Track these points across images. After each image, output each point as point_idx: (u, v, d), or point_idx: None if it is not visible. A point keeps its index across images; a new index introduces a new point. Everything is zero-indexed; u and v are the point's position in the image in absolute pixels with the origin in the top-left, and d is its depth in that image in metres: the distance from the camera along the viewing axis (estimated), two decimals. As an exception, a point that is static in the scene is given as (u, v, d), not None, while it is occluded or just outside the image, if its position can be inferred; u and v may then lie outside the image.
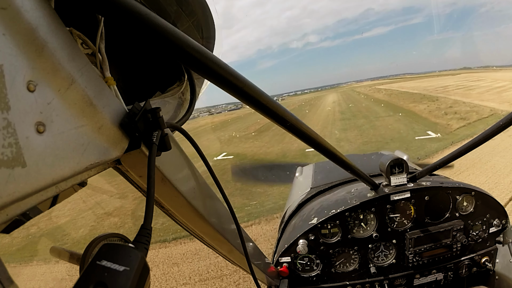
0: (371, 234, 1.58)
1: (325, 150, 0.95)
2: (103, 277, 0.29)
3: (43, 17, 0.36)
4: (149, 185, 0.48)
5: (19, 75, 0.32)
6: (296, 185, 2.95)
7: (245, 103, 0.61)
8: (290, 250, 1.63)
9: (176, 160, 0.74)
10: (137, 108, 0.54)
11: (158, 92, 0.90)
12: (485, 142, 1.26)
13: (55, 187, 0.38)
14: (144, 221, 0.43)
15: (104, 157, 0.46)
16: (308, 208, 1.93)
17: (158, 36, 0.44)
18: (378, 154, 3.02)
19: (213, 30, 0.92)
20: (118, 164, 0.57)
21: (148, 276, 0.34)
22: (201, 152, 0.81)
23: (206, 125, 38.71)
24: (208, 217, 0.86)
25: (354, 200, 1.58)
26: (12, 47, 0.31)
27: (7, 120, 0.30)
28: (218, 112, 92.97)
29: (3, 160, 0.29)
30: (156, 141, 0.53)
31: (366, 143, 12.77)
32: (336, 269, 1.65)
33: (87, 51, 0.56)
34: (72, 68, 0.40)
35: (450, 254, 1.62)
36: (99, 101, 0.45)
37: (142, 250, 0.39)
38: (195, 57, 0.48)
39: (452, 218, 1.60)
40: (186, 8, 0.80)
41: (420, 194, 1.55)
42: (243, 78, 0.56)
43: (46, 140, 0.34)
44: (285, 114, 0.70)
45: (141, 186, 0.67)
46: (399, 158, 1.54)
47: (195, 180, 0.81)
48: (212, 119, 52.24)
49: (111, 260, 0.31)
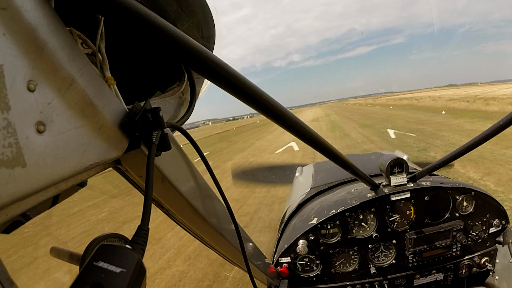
0: (371, 234, 1.58)
1: (325, 150, 0.95)
2: (99, 279, 0.29)
3: (43, 17, 0.36)
4: (147, 185, 0.47)
5: (19, 75, 0.32)
6: (296, 185, 2.96)
7: (245, 102, 0.61)
8: (290, 250, 1.63)
9: (176, 160, 0.74)
10: (137, 108, 0.53)
11: (158, 92, 0.90)
12: (485, 142, 1.26)
13: (55, 187, 0.38)
14: (141, 221, 0.43)
15: (104, 157, 0.46)
16: (308, 208, 1.93)
17: (158, 36, 0.44)
18: (378, 154, 3.02)
19: (213, 29, 0.92)
20: (118, 164, 0.57)
21: (144, 277, 0.35)
22: (200, 152, 0.81)
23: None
24: (208, 217, 0.86)
25: (354, 200, 1.58)
26: (12, 47, 0.31)
27: (7, 120, 0.30)
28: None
29: (3, 160, 0.29)
30: (156, 141, 0.53)
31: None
32: (336, 270, 1.65)
33: (87, 51, 0.56)
34: (72, 68, 0.40)
35: (450, 255, 1.62)
36: (99, 101, 0.45)
37: (139, 251, 0.39)
38: (195, 57, 0.48)
39: (452, 218, 1.60)
40: (186, 8, 0.80)
41: (420, 194, 1.55)
42: (243, 78, 0.56)
43: (46, 140, 0.34)
44: (285, 114, 0.70)
45: (141, 186, 0.67)
46: (399, 158, 1.54)
47: (195, 180, 0.81)
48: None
49: (108, 261, 0.31)
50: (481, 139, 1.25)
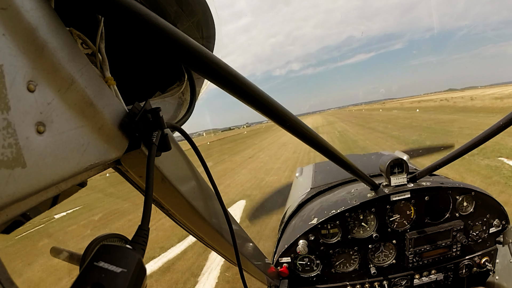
0: (371, 234, 1.58)
1: (325, 150, 0.95)
2: (100, 278, 0.29)
3: (43, 17, 0.36)
4: (147, 185, 0.47)
5: (19, 75, 0.32)
6: (296, 185, 2.96)
7: (245, 103, 0.61)
8: (290, 250, 1.63)
9: (176, 160, 0.74)
10: (137, 108, 0.53)
11: (158, 92, 0.90)
12: (485, 142, 1.26)
13: (55, 188, 0.38)
14: (141, 221, 0.43)
15: (104, 157, 0.46)
16: (308, 208, 1.93)
17: (158, 36, 0.44)
18: (378, 154, 3.02)
19: (213, 29, 0.92)
20: (118, 164, 0.57)
21: (144, 277, 0.34)
22: (199, 152, 0.81)
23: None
24: (208, 217, 0.85)
25: (354, 201, 1.58)
26: (12, 47, 0.31)
27: (7, 120, 0.30)
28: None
29: (3, 161, 0.29)
30: (156, 141, 0.53)
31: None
32: (336, 270, 1.65)
33: (87, 51, 0.56)
34: (72, 68, 0.40)
35: (450, 255, 1.62)
36: (99, 101, 0.45)
37: (139, 251, 0.39)
38: (195, 57, 0.48)
39: (452, 218, 1.60)
40: (186, 8, 0.79)
41: (420, 194, 1.55)
42: (243, 78, 0.56)
43: (46, 141, 0.34)
44: (285, 114, 0.70)
45: (141, 187, 0.67)
46: (399, 158, 1.54)
47: (195, 180, 0.81)
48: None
49: (109, 261, 0.31)
50: (481, 139, 1.25)
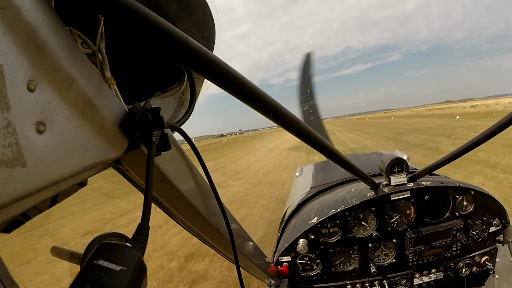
0: (371, 233, 1.58)
1: (325, 150, 0.95)
2: (99, 277, 0.29)
3: (43, 17, 0.36)
4: (147, 184, 0.48)
5: (19, 75, 0.32)
6: (296, 185, 2.96)
7: (245, 103, 0.61)
8: (290, 249, 1.63)
9: (176, 159, 0.74)
10: (137, 108, 0.54)
11: (158, 92, 0.90)
12: (485, 142, 1.26)
13: (55, 187, 0.38)
14: (141, 220, 0.44)
15: (104, 157, 0.46)
16: (308, 207, 1.93)
17: (158, 36, 0.44)
18: (378, 154, 3.02)
19: (213, 29, 0.92)
20: (118, 163, 0.57)
21: (145, 276, 0.34)
22: (198, 153, 0.82)
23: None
24: (208, 216, 0.86)
25: (354, 200, 1.58)
26: (12, 47, 0.31)
27: (7, 120, 0.30)
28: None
29: (4, 160, 0.29)
30: (156, 140, 0.53)
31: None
32: (336, 269, 1.65)
33: (87, 50, 0.56)
34: (72, 67, 0.40)
35: (450, 254, 1.62)
36: (99, 101, 0.45)
37: (139, 249, 0.39)
38: (195, 57, 0.48)
39: (452, 217, 1.60)
40: (186, 8, 0.79)
41: (420, 193, 1.55)
42: (243, 78, 0.56)
43: (46, 140, 0.34)
44: (285, 114, 0.70)
45: (141, 186, 0.67)
46: (399, 158, 1.54)
47: (195, 179, 0.81)
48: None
49: (108, 259, 0.31)
50: (481, 139, 1.25)
